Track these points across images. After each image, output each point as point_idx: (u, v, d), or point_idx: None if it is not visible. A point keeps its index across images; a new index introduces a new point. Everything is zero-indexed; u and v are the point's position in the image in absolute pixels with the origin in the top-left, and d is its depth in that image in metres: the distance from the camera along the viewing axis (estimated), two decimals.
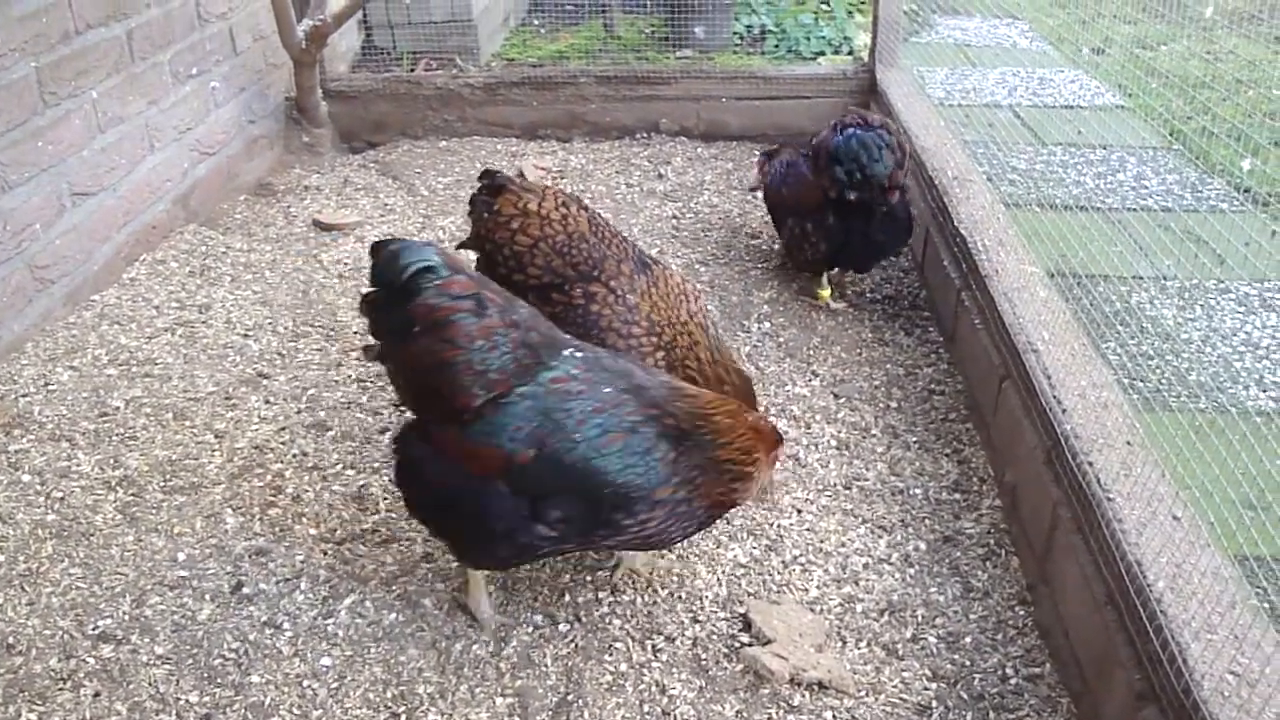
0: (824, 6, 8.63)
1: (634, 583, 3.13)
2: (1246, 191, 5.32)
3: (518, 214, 3.54)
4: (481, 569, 2.96)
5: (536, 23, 8.90)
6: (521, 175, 5.98)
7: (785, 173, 4.74)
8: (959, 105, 6.80)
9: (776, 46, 8.15)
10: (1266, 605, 2.74)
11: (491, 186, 3.65)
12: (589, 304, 3.37)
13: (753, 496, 2.92)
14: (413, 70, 7.17)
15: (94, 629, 2.94)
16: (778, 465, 3.05)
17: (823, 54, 8.00)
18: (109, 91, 4.71)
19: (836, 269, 4.74)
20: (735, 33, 8.29)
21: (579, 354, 2.76)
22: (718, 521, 3.10)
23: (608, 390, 2.68)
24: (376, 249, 2.76)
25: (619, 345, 3.31)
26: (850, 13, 8.57)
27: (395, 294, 2.68)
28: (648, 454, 2.65)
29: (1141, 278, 4.63)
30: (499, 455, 2.61)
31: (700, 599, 3.08)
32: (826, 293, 4.72)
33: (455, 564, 3.17)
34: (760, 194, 5.11)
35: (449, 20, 7.43)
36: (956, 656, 2.90)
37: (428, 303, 2.63)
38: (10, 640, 2.89)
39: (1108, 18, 5.44)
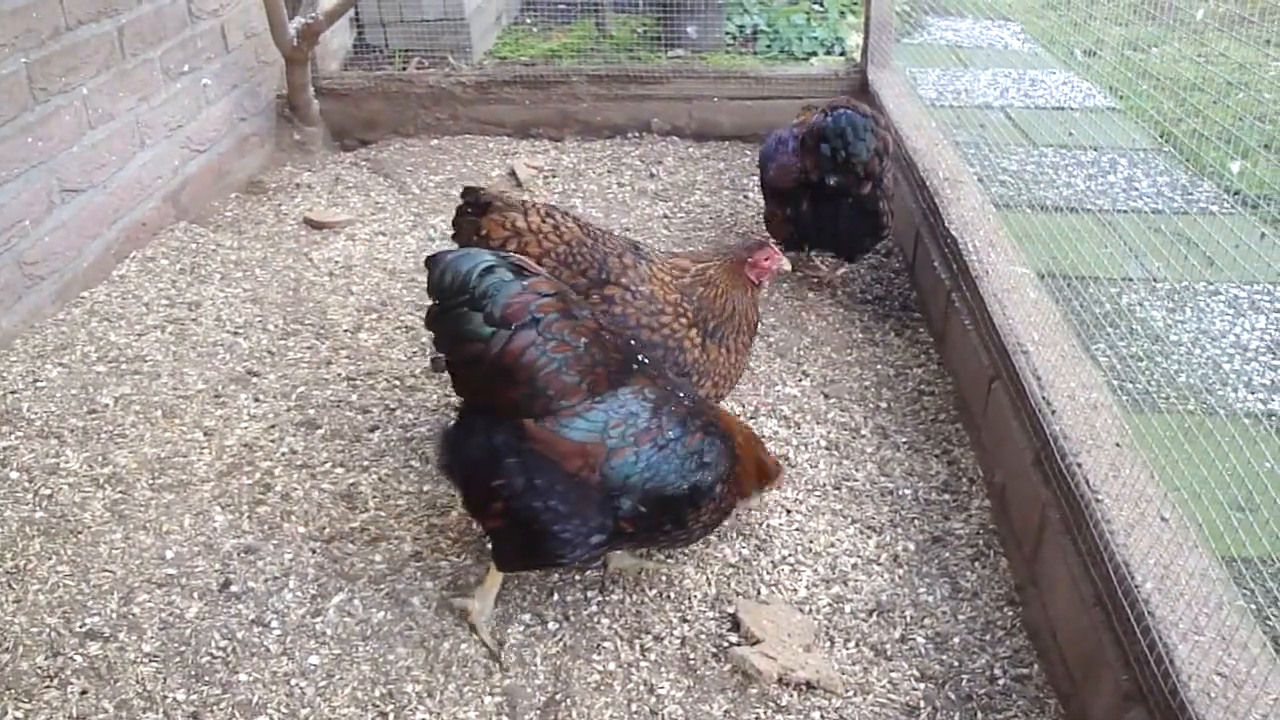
0: (816, 7, 8.64)
1: (622, 582, 3.13)
2: (1236, 194, 5.33)
3: (510, 234, 3.47)
4: (519, 570, 2.99)
5: (529, 21, 8.88)
6: (513, 174, 5.98)
7: (775, 148, 4.80)
8: (950, 106, 6.81)
9: (769, 47, 8.15)
10: (1254, 606, 2.74)
11: (476, 205, 3.55)
12: (611, 307, 3.34)
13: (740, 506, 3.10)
14: (405, 68, 7.16)
15: (81, 626, 2.93)
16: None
17: (815, 54, 8.00)
18: (99, 88, 4.70)
19: (813, 251, 4.91)
20: (728, 33, 8.28)
21: (645, 360, 2.93)
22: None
23: (681, 395, 2.90)
24: (432, 262, 2.76)
25: (655, 338, 3.33)
26: (842, 13, 8.58)
27: (470, 299, 2.67)
28: (715, 452, 2.88)
29: (1131, 279, 4.64)
30: (600, 451, 2.70)
31: (689, 598, 3.08)
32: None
33: (443, 562, 3.18)
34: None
35: (441, 18, 7.42)
36: (945, 657, 2.90)
37: (521, 299, 2.66)
38: None
39: (1099, 20, 5.45)
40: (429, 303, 2.79)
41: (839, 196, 4.47)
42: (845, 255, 4.85)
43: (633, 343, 2.98)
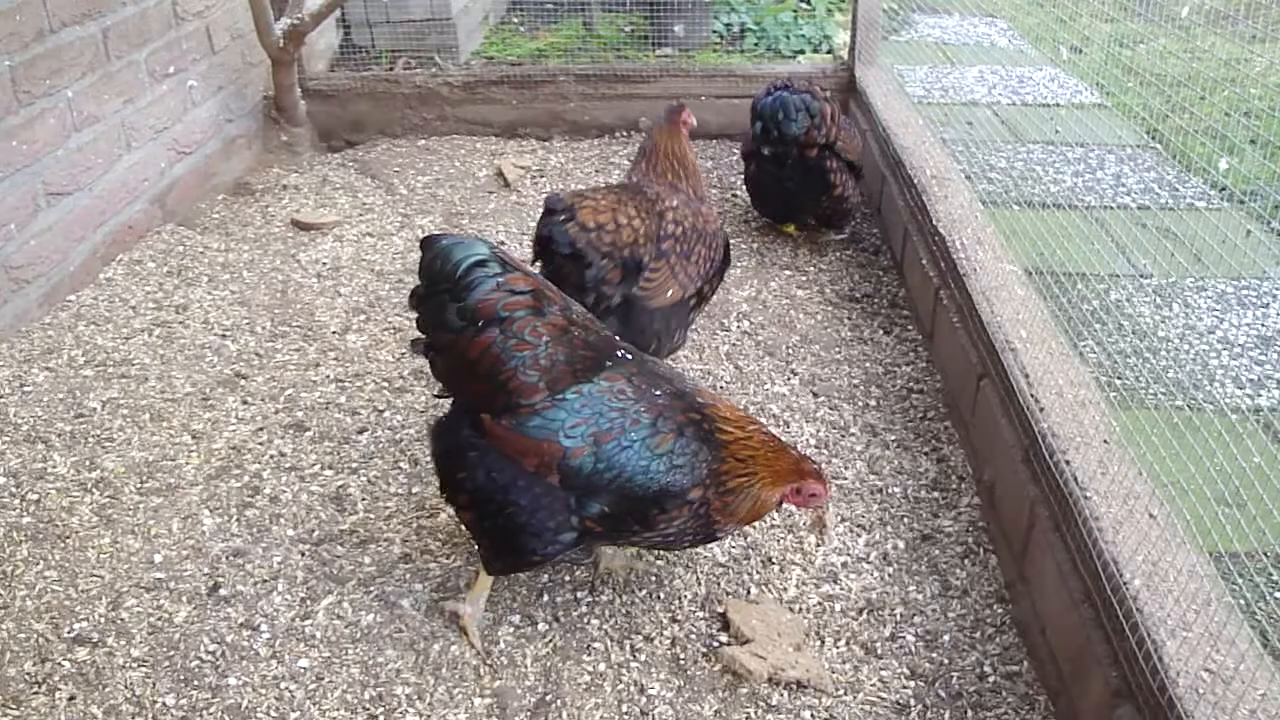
0: (804, 5, 8.65)
1: (612, 583, 3.13)
2: (1223, 190, 5.35)
3: (608, 219, 3.60)
4: (505, 572, 2.99)
5: (516, 21, 8.88)
6: (500, 174, 5.97)
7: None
8: (938, 103, 6.81)
9: (756, 45, 8.16)
10: (1241, 602, 2.75)
11: (566, 211, 3.56)
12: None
13: (744, 518, 2.86)
14: (391, 69, 7.15)
15: (70, 632, 2.92)
16: (816, 503, 2.90)
17: (802, 52, 8.02)
18: (84, 90, 4.68)
19: (791, 223, 5.33)
20: (715, 31, 8.29)
21: (629, 356, 2.87)
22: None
23: (658, 393, 2.79)
24: (427, 243, 2.77)
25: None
26: (830, 11, 8.59)
27: (451, 289, 2.69)
28: (690, 455, 2.74)
29: (1118, 276, 4.65)
30: (556, 450, 2.67)
31: (679, 599, 3.08)
32: (789, 227, 5.34)
33: (432, 564, 3.17)
34: None
35: (428, 19, 7.41)
36: (935, 655, 2.90)
37: (492, 298, 2.68)
38: None
39: (1086, 16, 5.46)
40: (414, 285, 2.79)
41: (782, 159, 4.95)
42: (799, 217, 5.21)
43: (614, 338, 2.94)
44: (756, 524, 3.36)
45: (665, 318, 3.79)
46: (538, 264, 3.66)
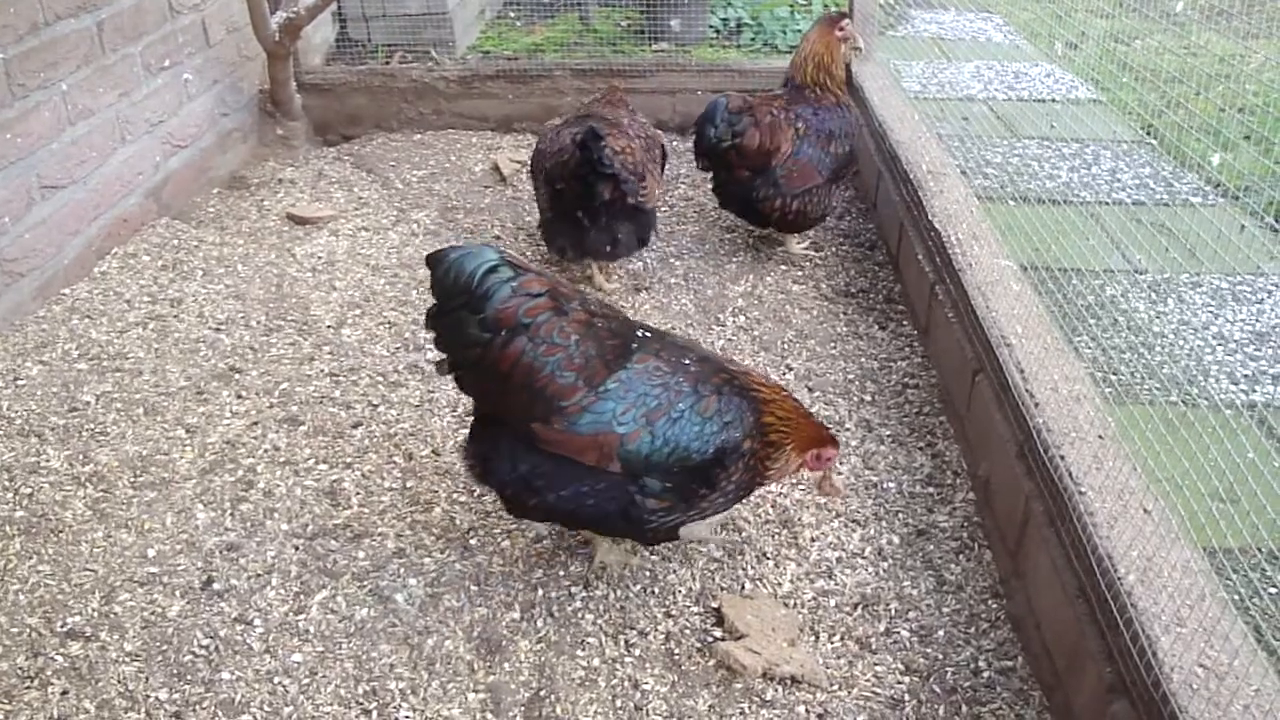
0: (800, 0, 8.63)
1: (607, 578, 3.12)
2: (1218, 186, 5.35)
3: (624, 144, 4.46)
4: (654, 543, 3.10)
5: (512, 15, 8.86)
6: (496, 168, 5.96)
7: None
8: (934, 99, 6.81)
9: (753, 40, 8.14)
10: (1235, 598, 2.75)
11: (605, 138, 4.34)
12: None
13: (779, 476, 3.00)
14: (388, 63, 7.13)
15: (62, 626, 2.91)
16: (829, 465, 3.04)
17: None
18: (79, 83, 4.67)
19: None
20: (711, 26, 8.27)
21: (648, 334, 2.93)
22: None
23: (686, 362, 2.86)
24: (435, 259, 2.73)
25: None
26: (826, 6, 8.57)
27: (468, 301, 2.67)
28: (735, 410, 2.84)
29: (1113, 271, 4.66)
30: (613, 440, 2.73)
31: (673, 593, 3.08)
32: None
33: (427, 559, 3.17)
34: None
35: (424, 13, 7.40)
36: (929, 650, 2.90)
37: (511, 306, 2.67)
38: None
39: (1081, 12, 5.45)
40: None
41: (714, 169, 4.98)
42: (758, 221, 5.09)
43: (629, 318, 2.98)
44: (751, 519, 3.36)
45: (653, 214, 4.73)
46: (557, 186, 4.53)
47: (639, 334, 2.90)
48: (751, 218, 5.06)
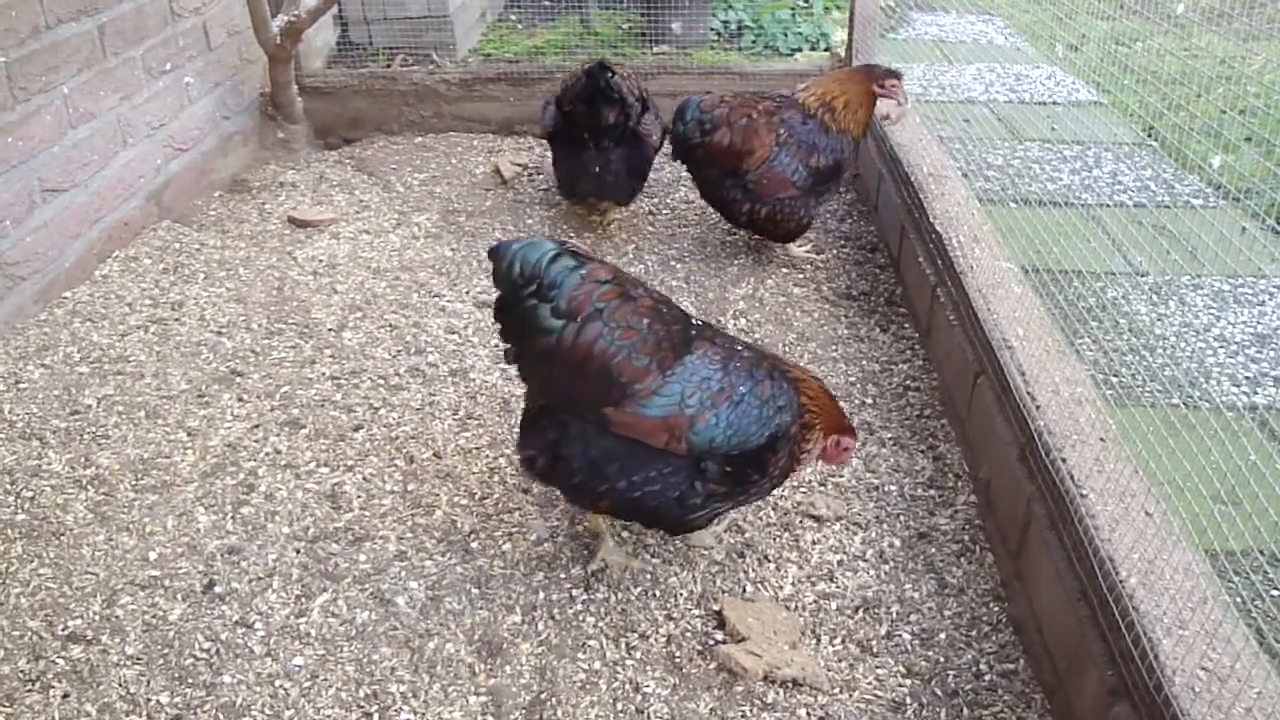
0: (801, 3, 8.64)
1: (608, 580, 3.12)
2: (1219, 188, 5.35)
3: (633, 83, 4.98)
4: (682, 531, 3.16)
5: (513, 18, 8.86)
6: (497, 171, 5.96)
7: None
8: (935, 101, 6.81)
9: (754, 42, 8.15)
10: (1237, 600, 2.75)
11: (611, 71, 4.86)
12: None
13: (809, 460, 3.06)
14: (389, 66, 7.14)
15: (63, 629, 2.91)
16: (846, 456, 3.15)
17: (800, 50, 8.01)
18: (80, 87, 4.67)
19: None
20: (713, 29, 8.28)
21: (700, 322, 3.00)
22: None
23: (739, 348, 2.95)
24: (497, 252, 2.76)
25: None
26: (827, 9, 8.59)
27: (537, 291, 2.70)
28: (786, 395, 2.93)
29: (1115, 273, 4.65)
30: (683, 422, 2.78)
31: (674, 596, 3.08)
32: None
33: (428, 562, 3.17)
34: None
35: (425, 15, 7.41)
36: (931, 653, 2.90)
37: (583, 292, 2.71)
38: None
39: (1083, 14, 5.45)
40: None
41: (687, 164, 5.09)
42: (732, 221, 5.10)
43: (683, 309, 3.01)
44: (755, 521, 3.36)
45: (651, 149, 5.17)
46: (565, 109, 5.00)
47: (694, 321, 2.97)
48: (726, 217, 5.06)
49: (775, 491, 3.42)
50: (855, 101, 4.76)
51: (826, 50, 7.89)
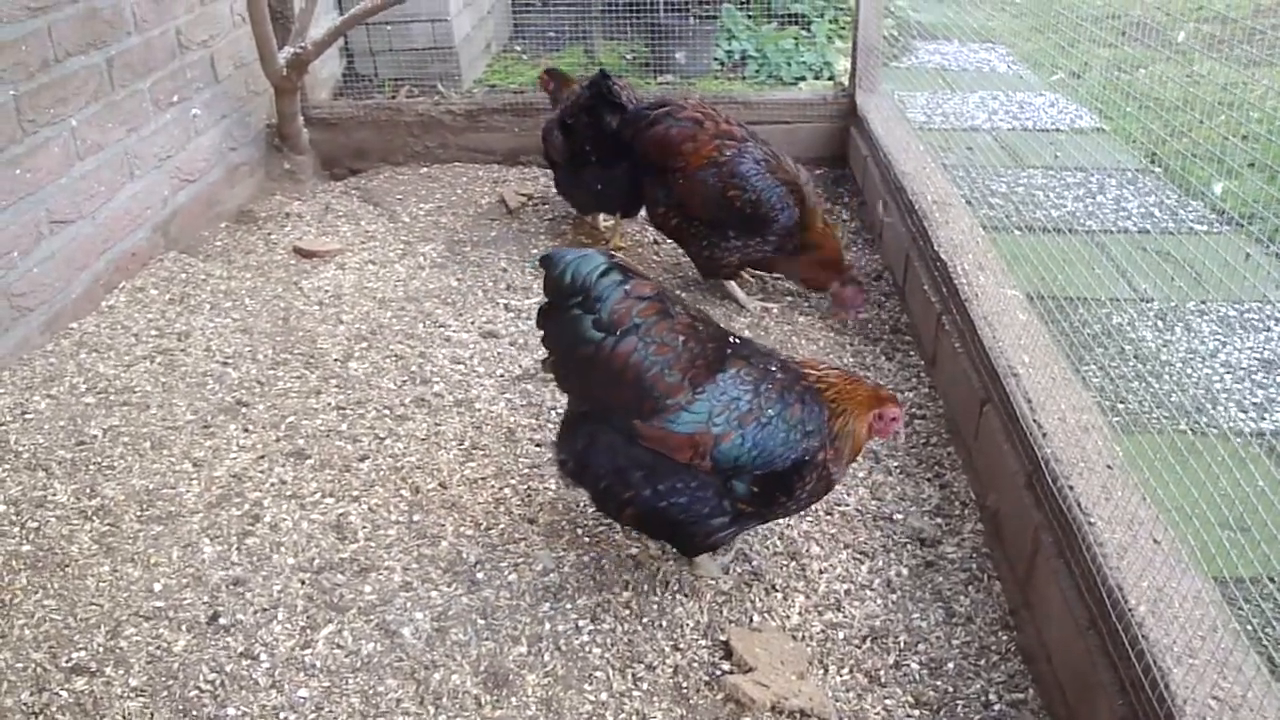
0: (804, 32, 8.69)
1: (615, 611, 3.11)
2: (1222, 214, 5.35)
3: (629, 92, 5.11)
4: (696, 554, 3.18)
5: (518, 49, 8.93)
6: (503, 201, 5.99)
7: None
8: (939, 129, 6.83)
9: (757, 72, 8.19)
10: (1248, 628, 2.73)
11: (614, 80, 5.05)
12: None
13: (849, 458, 3.07)
14: (394, 97, 7.18)
15: (67, 661, 2.90)
16: (894, 426, 3.13)
17: (803, 79, 8.05)
18: (88, 119, 4.70)
19: None
20: (716, 59, 8.33)
21: (738, 340, 3.05)
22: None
23: (774, 369, 2.99)
24: (550, 260, 2.87)
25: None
26: (830, 38, 8.63)
27: (582, 302, 2.82)
28: (816, 419, 2.96)
29: (1119, 300, 4.65)
30: (708, 440, 2.85)
31: (681, 627, 3.06)
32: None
33: (434, 592, 3.16)
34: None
35: (430, 47, 7.46)
36: (939, 683, 2.88)
37: (624, 307, 2.81)
38: None
39: (1085, 41, 5.48)
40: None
41: None
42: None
43: (722, 327, 3.10)
44: (762, 550, 3.35)
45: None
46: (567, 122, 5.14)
47: (731, 340, 3.03)
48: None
49: (782, 520, 3.42)
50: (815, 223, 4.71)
51: (830, 79, 7.93)
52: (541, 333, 2.96)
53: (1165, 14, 4.35)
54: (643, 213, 5.34)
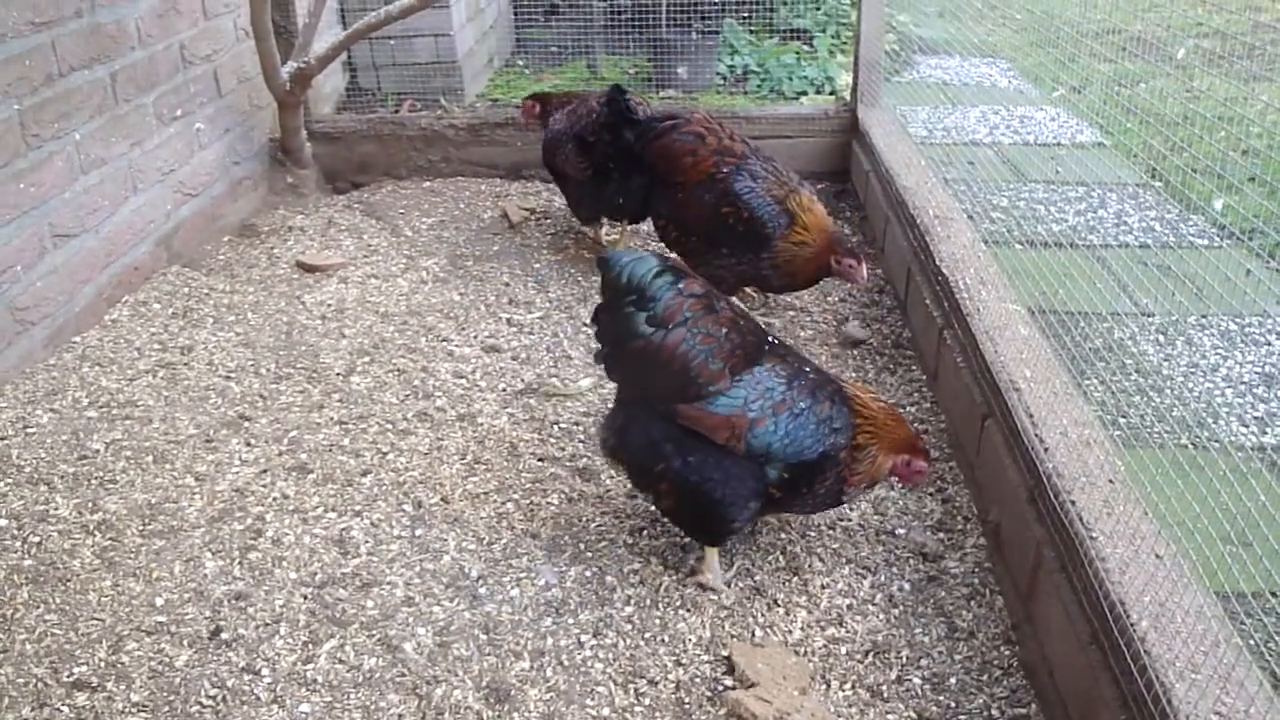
0: (806, 47, 8.71)
1: (617, 626, 3.11)
2: (1223, 228, 5.36)
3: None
4: (715, 543, 3.30)
5: (521, 63, 8.96)
6: (505, 215, 6.00)
7: None
8: (940, 143, 6.85)
9: (759, 86, 8.22)
10: (1250, 643, 2.73)
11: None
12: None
13: (861, 478, 3.21)
14: (397, 111, 7.20)
15: (69, 676, 2.90)
16: (917, 479, 3.31)
17: (805, 94, 8.07)
18: (92, 133, 4.72)
19: None
20: (718, 73, 8.35)
21: (775, 341, 3.28)
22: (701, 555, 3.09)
23: (806, 369, 3.21)
24: (607, 263, 3.13)
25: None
26: (832, 52, 8.65)
27: (637, 300, 3.07)
28: (843, 419, 3.16)
29: (1120, 314, 4.65)
30: (744, 422, 3.06)
31: (683, 642, 3.06)
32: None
33: (435, 608, 3.16)
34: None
35: (434, 61, 7.49)
36: (941, 698, 2.88)
37: (675, 304, 3.07)
38: None
39: (1085, 56, 5.49)
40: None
41: None
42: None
43: (763, 327, 3.33)
44: (765, 565, 3.35)
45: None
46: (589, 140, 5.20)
47: (770, 339, 3.25)
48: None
49: (783, 534, 3.42)
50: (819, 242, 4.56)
51: (832, 94, 7.95)
52: (596, 328, 3.22)
53: (1165, 28, 4.37)
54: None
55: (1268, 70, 3.23)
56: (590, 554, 3.39)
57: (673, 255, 3.17)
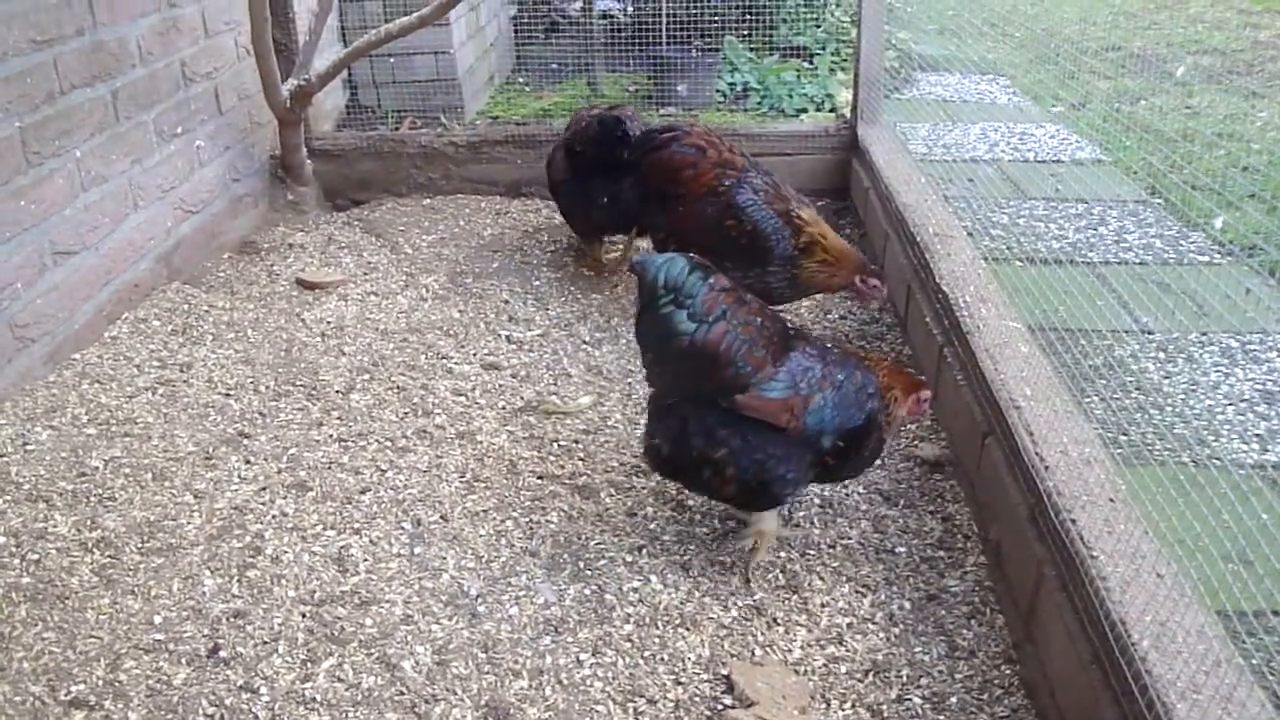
0: (807, 65, 8.73)
1: (616, 644, 3.09)
2: (1223, 246, 5.36)
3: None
4: (769, 508, 3.46)
5: (521, 80, 8.98)
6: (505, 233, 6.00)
7: None
8: (940, 160, 6.86)
9: (759, 104, 8.23)
10: (1252, 663, 2.72)
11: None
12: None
13: (892, 428, 3.50)
14: (397, 128, 7.22)
15: (66, 695, 2.89)
16: (924, 407, 3.57)
17: (805, 111, 8.09)
18: (92, 151, 4.73)
19: None
20: (718, 90, 8.37)
21: (795, 328, 3.44)
22: (705, 578, 3.08)
23: (829, 346, 3.42)
24: (643, 266, 3.21)
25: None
26: (832, 70, 8.67)
27: (675, 299, 3.16)
28: (873, 384, 3.38)
29: (1119, 331, 4.65)
30: (799, 402, 3.22)
31: (683, 660, 3.05)
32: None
33: (434, 626, 3.15)
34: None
35: (434, 79, 7.51)
36: (942, 717, 2.86)
37: (712, 297, 3.17)
38: None
39: (1084, 73, 5.51)
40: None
41: None
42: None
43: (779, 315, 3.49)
44: (764, 583, 3.34)
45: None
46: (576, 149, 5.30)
47: (790, 326, 3.42)
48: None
49: (784, 552, 3.41)
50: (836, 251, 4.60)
51: (832, 111, 7.97)
52: (636, 334, 3.35)
53: (1165, 46, 4.39)
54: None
55: (1267, 87, 3.24)
56: (590, 572, 3.38)
57: (695, 256, 3.20)
